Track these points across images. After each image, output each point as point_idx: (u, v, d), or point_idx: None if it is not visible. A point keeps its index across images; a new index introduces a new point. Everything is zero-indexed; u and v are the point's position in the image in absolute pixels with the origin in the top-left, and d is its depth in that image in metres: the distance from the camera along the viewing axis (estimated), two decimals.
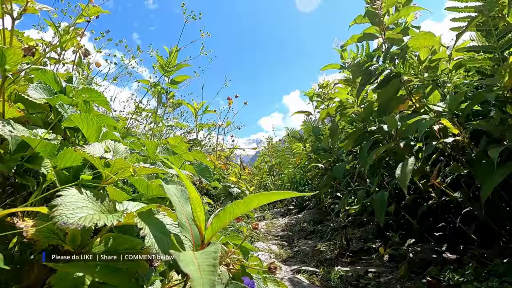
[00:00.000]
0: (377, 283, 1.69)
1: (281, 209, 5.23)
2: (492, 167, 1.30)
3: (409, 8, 1.88)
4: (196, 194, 0.61)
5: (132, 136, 1.35)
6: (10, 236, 0.64)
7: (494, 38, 1.55)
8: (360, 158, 2.08)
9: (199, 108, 2.36)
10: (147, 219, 0.60)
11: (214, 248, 0.50)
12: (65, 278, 0.52)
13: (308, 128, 3.62)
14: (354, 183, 2.72)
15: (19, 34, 1.11)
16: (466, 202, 1.58)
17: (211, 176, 1.30)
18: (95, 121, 0.79)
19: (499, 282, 1.28)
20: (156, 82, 1.90)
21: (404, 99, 1.93)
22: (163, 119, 2.28)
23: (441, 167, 1.54)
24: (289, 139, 4.58)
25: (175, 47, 1.75)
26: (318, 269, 2.03)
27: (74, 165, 0.72)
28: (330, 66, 2.46)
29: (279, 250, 2.64)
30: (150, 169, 0.71)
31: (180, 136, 2.38)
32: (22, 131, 0.66)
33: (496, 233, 1.59)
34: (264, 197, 0.59)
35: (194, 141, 2.92)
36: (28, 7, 0.75)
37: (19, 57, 0.69)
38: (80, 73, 1.33)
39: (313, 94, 3.48)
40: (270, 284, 1.00)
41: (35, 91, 0.84)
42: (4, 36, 0.72)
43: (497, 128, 1.37)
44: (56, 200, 0.52)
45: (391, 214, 2.06)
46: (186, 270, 0.40)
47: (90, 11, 1.12)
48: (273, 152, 7.07)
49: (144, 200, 0.85)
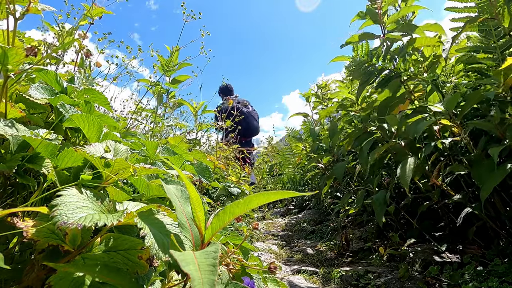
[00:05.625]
0: (377, 283, 1.69)
1: (281, 209, 5.23)
2: (492, 166, 1.30)
3: (410, 7, 1.88)
4: (196, 194, 0.61)
5: (132, 136, 1.35)
6: (10, 236, 0.64)
7: (494, 38, 1.55)
8: (360, 158, 2.08)
9: (199, 108, 2.36)
10: (147, 219, 0.60)
11: (214, 248, 0.50)
12: (65, 278, 0.52)
13: (307, 128, 3.63)
14: (354, 183, 2.72)
15: (21, 35, 1.11)
16: (466, 202, 1.58)
17: (211, 176, 1.30)
18: (96, 121, 0.79)
19: (499, 282, 1.28)
20: (155, 82, 1.90)
21: (404, 98, 1.93)
22: (163, 118, 2.28)
23: (441, 167, 1.55)
24: (289, 139, 4.58)
25: (176, 46, 1.76)
26: (318, 269, 2.03)
27: (75, 165, 0.72)
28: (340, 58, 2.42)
29: (279, 250, 2.64)
30: (151, 169, 0.71)
31: (180, 136, 2.38)
32: (23, 131, 0.66)
33: (496, 233, 1.59)
34: (264, 197, 0.59)
35: (193, 140, 2.92)
36: (31, 7, 0.75)
37: (21, 57, 0.69)
38: (82, 74, 1.33)
39: (310, 95, 3.49)
40: (270, 284, 1.00)
41: (36, 91, 0.84)
42: (8, 36, 0.72)
43: (497, 127, 1.37)
44: (56, 200, 0.52)
45: (391, 214, 2.06)
46: (186, 270, 0.40)
47: (94, 12, 1.12)
48: (273, 152, 7.07)
49: (144, 200, 0.85)
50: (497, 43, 1.55)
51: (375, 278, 1.76)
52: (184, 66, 1.84)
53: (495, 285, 1.26)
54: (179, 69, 1.81)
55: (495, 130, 1.38)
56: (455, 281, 1.42)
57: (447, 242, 1.83)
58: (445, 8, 1.64)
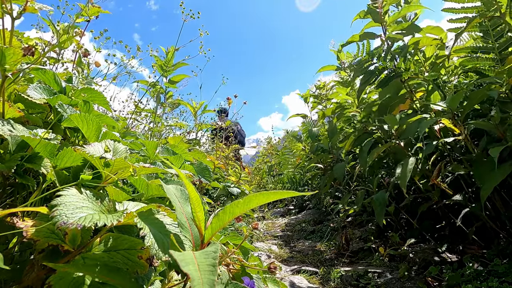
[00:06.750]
0: (377, 283, 1.69)
1: (281, 209, 5.23)
2: (492, 166, 1.30)
3: (410, 7, 1.88)
4: (195, 194, 0.61)
5: (131, 136, 1.35)
6: (10, 236, 0.64)
7: (492, 38, 1.55)
8: (360, 158, 2.08)
9: (198, 108, 2.36)
10: (147, 219, 0.60)
11: (214, 248, 0.50)
12: (65, 278, 0.52)
13: (307, 129, 3.63)
14: (354, 183, 2.72)
15: (19, 34, 1.11)
16: (466, 202, 1.58)
17: (211, 176, 1.30)
18: (95, 121, 0.79)
19: (499, 282, 1.28)
20: (154, 82, 1.89)
21: (405, 98, 1.93)
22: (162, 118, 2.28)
23: (442, 166, 1.54)
24: (289, 139, 4.59)
25: (172, 46, 1.75)
26: (318, 269, 2.03)
27: (74, 165, 0.72)
28: (326, 67, 2.47)
29: (279, 250, 2.64)
30: (150, 168, 0.71)
31: (179, 136, 2.38)
32: (22, 131, 0.66)
33: (496, 233, 1.59)
34: (263, 197, 0.59)
35: (193, 140, 2.92)
36: (28, 6, 0.74)
37: (19, 57, 0.69)
38: (80, 73, 1.33)
39: (308, 96, 3.49)
40: (270, 284, 1.00)
41: (35, 91, 0.84)
42: (4, 36, 0.72)
43: (498, 127, 1.37)
44: (56, 200, 0.52)
45: (391, 214, 2.06)
46: (185, 270, 0.40)
47: (90, 11, 1.12)
48: (273, 152, 7.07)
49: (144, 200, 0.85)
50: (494, 43, 1.56)
51: (375, 278, 1.76)
52: (181, 66, 1.84)
53: (495, 285, 1.26)
54: (176, 68, 1.81)
55: (496, 130, 1.38)
56: (455, 281, 1.42)
57: (447, 242, 1.83)
58: (443, 9, 1.64)
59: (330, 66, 2.46)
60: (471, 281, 1.37)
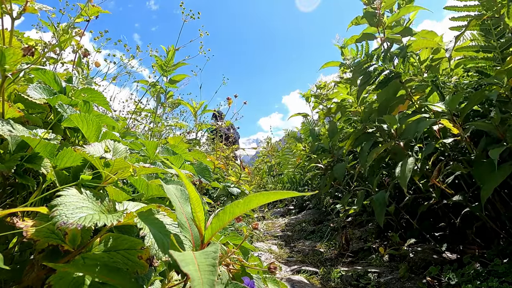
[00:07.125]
0: (377, 283, 1.69)
1: (281, 209, 5.23)
2: (492, 167, 1.30)
3: (409, 8, 1.88)
4: (195, 194, 0.61)
5: (131, 136, 1.35)
6: (10, 236, 0.64)
7: (493, 37, 1.55)
8: (360, 158, 2.08)
9: (199, 108, 2.36)
10: (147, 219, 0.60)
11: (214, 248, 0.50)
12: (65, 278, 0.52)
13: (306, 129, 3.63)
14: (354, 183, 2.72)
15: (19, 34, 1.11)
16: (466, 202, 1.58)
17: (211, 176, 1.30)
18: (95, 121, 0.79)
19: (499, 282, 1.28)
20: (154, 82, 1.90)
21: (404, 99, 1.93)
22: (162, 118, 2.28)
23: (441, 167, 1.54)
24: (289, 139, 4.59)
25: (172, 46, 1.75)
26: (318, 269, 2.03)
27: (74, 165, 0.72)
28: (331, 63, 2.46)
29: (279, 250, 2.64)
30: (150, 168, 0.71)
31: (180, 136, 2.38)
32: (22, 131, 0.66)
33: (496, 233, 1.59)
34: (263, 197, 0.59)
35: (193, 140, 2.92)
36: (28, 6, 0.75)
37: (19, 57, 0.69)
38: (80, 73, 1.33)
39: (309, 95, 3.49)
40: (270, 284, 1.00)
41: (34, 91, 0.84)
42: (4, 36, 0.72)
43: (498, 128, 1.37)
44: (56, 200, 0.52)
45: (391, 214, 2.06)
46: (185, 270, 0.40)
47: (90, 11, 1.12)
48: (273, 152, 7.07)
49: (144, 200, 0.85)
50: (496, 42, 1.55)
51: (375, 278, 1.76)
52: (181, 66, 1.84)
53: (495, 285, 1.26)
54: (175, 68, 1.81)
55: (495, 131, 1.38)
56: (455, 281, 1.42)
57: (447, 242, 1.83)
58: (445, 7, 1.63)
59: (334, 62, 2.45)
60: (471, 281, 1.37)
